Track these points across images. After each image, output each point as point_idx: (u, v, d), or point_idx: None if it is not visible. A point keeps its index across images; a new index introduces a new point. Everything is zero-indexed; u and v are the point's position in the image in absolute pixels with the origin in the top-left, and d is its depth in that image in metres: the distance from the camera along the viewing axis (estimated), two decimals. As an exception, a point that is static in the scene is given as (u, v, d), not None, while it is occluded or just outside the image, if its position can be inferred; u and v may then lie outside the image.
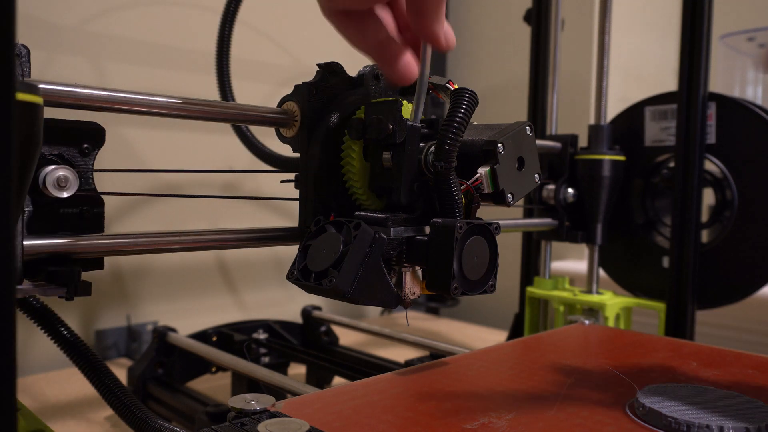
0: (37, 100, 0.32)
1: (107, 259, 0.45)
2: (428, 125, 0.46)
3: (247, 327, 0.86)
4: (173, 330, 0.77)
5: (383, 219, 0.44)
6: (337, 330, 0.94)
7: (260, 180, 1.18)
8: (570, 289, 0.86)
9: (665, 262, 0.83)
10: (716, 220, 0.81)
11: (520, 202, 0.86)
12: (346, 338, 0.98)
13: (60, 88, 0.40)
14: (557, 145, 0.84)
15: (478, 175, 0.44)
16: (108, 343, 1.00)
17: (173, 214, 1.08)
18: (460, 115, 0.42)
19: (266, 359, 0.80)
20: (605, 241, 0.83)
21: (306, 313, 0.92)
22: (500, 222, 0.46)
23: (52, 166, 0.41)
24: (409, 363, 0.67)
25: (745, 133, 0.77)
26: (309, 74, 0.50)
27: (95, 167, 0.44)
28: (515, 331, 0.92)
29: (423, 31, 0.39)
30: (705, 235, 0.83)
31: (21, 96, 0.29)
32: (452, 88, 0.45)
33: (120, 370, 0.69)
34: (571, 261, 1.26)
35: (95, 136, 0.43)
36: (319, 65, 0.49)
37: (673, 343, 0.56)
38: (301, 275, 0.43)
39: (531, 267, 0.93)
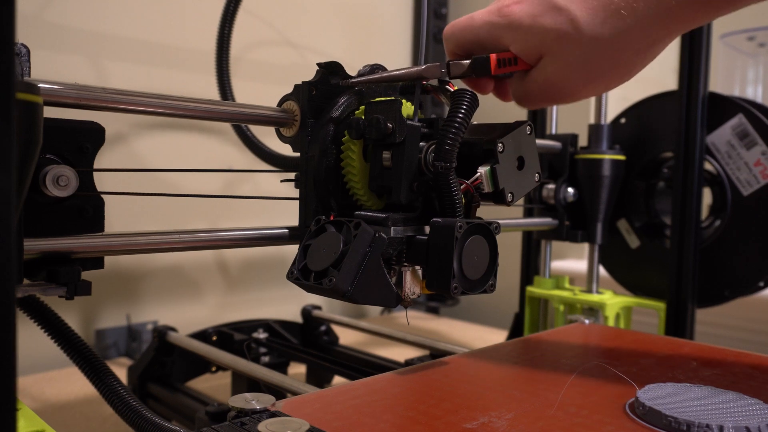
0: (37, 99, 0.32)
1: (107, 259, 0.45)
2: (428, 125, 0.46)
3: (247, 327, 0.86)
4: (173, 329, 0.77)
5: (383, 218, 0.44)
6: (337, 330, 0.94)
7: (260, 179, 1.18)
8: (570, 289, 0.86)
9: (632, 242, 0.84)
10: (717, 217, 0.81)
11: (520, 201, 0.86)
12: (346, 338, 0.98)
13: (60, 88, 0.40)
14: (557, 144, 0.83)
15: (478, 174, 0.44)
16: (108, 343, 1.00)
17: (173, 214, 1.08)
18: (461, 115, 0.42)
19: (266, 359, 0.80)
20: (605, 240, 0.83)
21: (306, 312, 0.92)
22: (500, 221, 0.46)
23: (52, 166, 0.41)
24: (409, 363, 0.67)
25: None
26: (309, 74, 0.50)
27: (95, 167, 0.44)
28: (515, 331, 0.92)
29: None
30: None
31: (21, 95, 0.29)
32: (452, 90, 0.45)
33: (120, 370, 0.69)
34: (571, 260, 1.26)
35: (95, 136, 0.43)
36: (319, 65, 0.49)
37: (673, 342, 0.56)
38: (301, 275, 0.43)
39: (531, 266, 0.93)
